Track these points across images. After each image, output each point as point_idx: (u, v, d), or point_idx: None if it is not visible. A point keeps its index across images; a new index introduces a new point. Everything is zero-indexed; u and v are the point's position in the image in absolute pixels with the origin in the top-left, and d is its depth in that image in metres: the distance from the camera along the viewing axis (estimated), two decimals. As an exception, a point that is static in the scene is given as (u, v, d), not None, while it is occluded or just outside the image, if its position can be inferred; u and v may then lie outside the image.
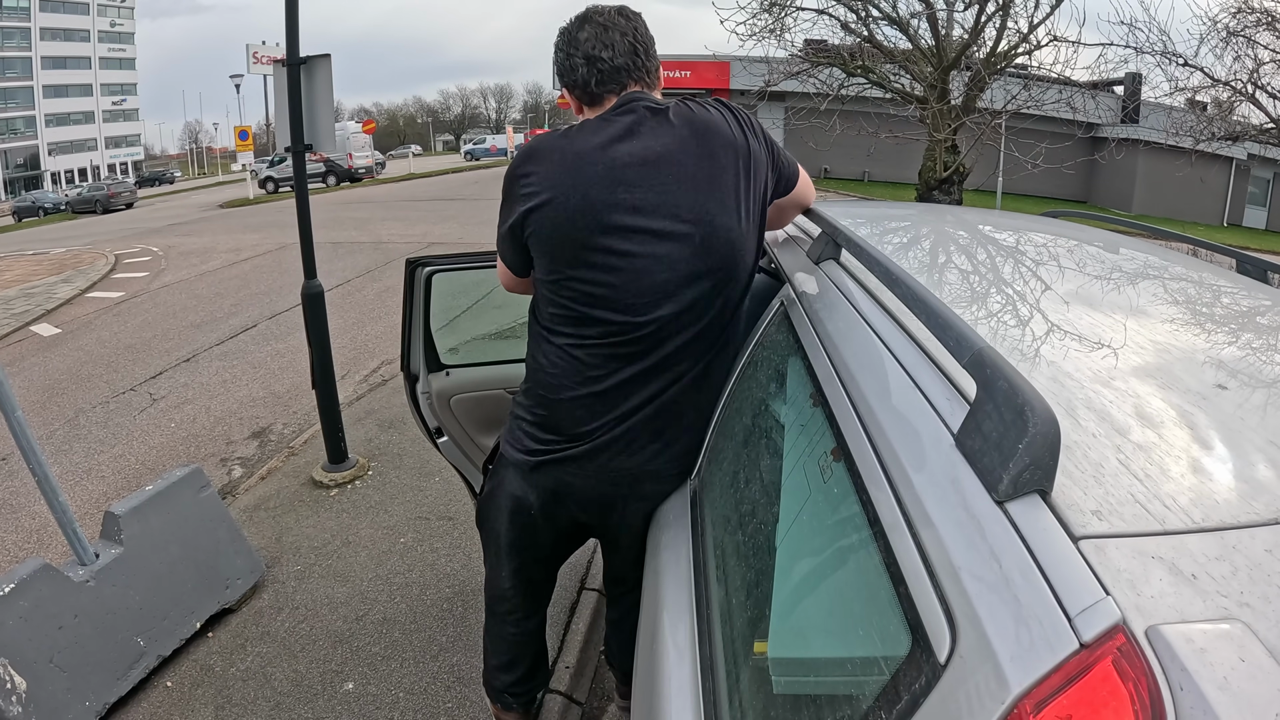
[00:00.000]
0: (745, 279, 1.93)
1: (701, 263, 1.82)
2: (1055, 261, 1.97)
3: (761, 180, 1.90)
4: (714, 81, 32.72)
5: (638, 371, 1.89)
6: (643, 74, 1.93)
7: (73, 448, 6.15)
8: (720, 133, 1.84)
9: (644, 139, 1.81)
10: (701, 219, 1.80)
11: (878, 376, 1.19)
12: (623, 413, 1.93)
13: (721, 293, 1.88)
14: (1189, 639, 0.64)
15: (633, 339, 1.86)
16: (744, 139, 1.87)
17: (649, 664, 1.60)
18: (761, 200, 1.92)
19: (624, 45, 1.89)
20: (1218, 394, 1.09)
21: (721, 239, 1.82)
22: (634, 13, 1.97)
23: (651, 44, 1.96)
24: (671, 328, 1.86)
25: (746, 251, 1.89)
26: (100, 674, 2.94)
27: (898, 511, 0.92)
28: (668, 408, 1.95)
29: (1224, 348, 1.36)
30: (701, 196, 1.80)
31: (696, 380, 1.96)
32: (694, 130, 1.83)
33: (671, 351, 1.88)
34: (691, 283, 1.83)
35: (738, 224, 1.84)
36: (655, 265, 1.79)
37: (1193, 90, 13.45)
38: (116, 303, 12.12)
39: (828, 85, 12.81)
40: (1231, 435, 0.99)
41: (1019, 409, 0.80)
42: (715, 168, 1.81)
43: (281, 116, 4.72)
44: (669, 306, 1.83)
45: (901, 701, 0.79)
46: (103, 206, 39.58)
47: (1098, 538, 0.75)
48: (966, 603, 0.75)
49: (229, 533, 3.68)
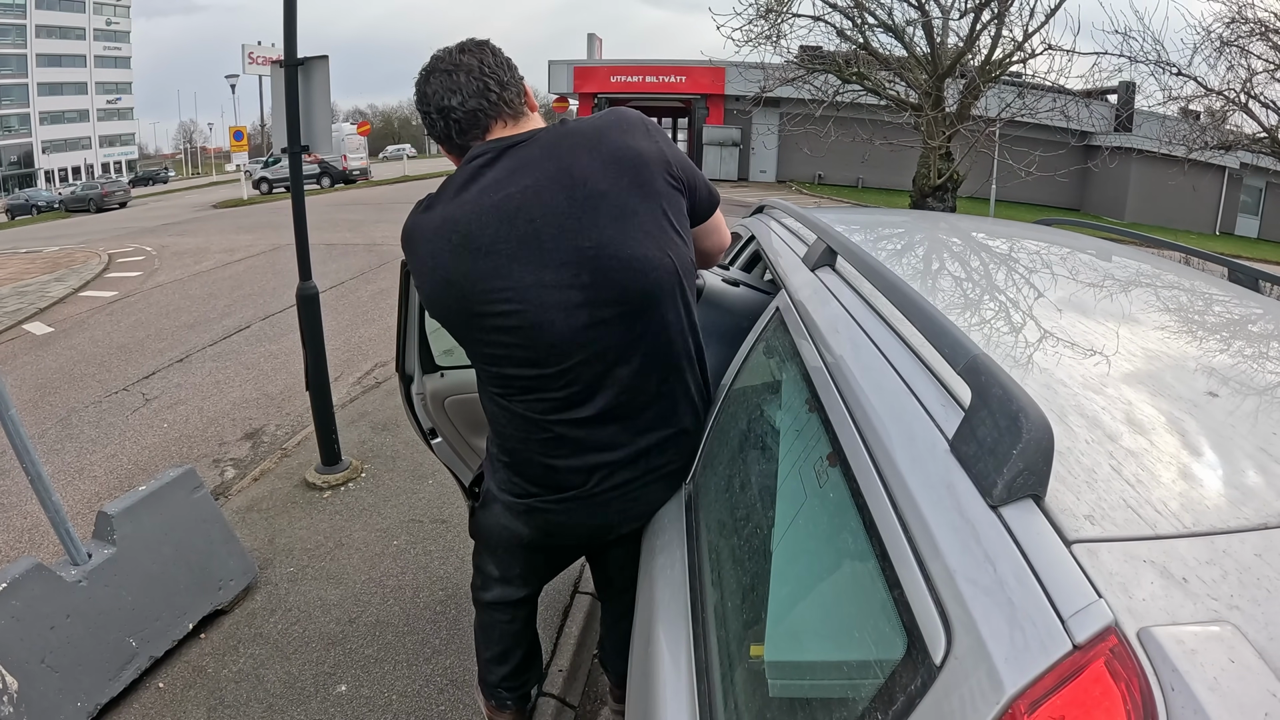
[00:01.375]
0: (670, 294, 1.76)
1: (600, 298, 1.68)
2: (1048, 269, 1.99)
3: (664, 184, 1.72)
4: (709, 87, 32.86)
5: (585, 418, 1.82)
6: (501, 109, 1.80)
7: (65, 447, 6.13)
8: (600, 148, 1.69)
9: (500, 189, 1.68)
10: (584, 256, 1.65)
11: (873, 382, 1.20)
12: (592, 465, 1.89)
13: (641, 319, 1.74)
14: (1180, 640, 0.66)
15: (558, 391, 1.79)
16: (636, 145, 1.71)
17: (644, 667, 1.61)
18: (675, 207, 1.75)
19: (472, 86, 1.77)
20: (1208, 401, 1.10)
21: (617, 267, 1.67)
22: (477, 45, 1.84)
23: (504, 72, 1.82)
24: (594, 370, 1.76)
25: (656, 267, 1.70)
26: (92, 674, 2.93)
27: (893, 516, 0.93)
28: (645, 450, 1.90)
29: (1215, 355, 1.37)
30: (579, 230, 1.65)
31: (664, 412, 1.88)
32: (560, 162, 1.68)
33: (615, 392, 1.79)
34: (597, 324, 1.70)
35: (635, 243, 1.67)
36: (546, 316, 1.68)
37: (1186, 99, 13.51)
38: (109, 302, 12.08)
39: (823, 91, 12.85)
40: (1221, 441, 1.00)
41: (1013, 415, 0.82)
42: (592, 192, 1.65)
43: (279, 118, 4.72)
44: (579, 353, 1.73)
45: (897, 703, 0.80)
46: (96, 205, 39.46)
47: (1090, 542, 0.76)
48: (961, 605, 0.76)
49: (222, 534, 3.68)
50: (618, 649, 2.51)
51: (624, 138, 1.70)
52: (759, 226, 2.86)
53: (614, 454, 1.88)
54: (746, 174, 34.92)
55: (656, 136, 1.76)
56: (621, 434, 1.86)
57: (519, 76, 1.87)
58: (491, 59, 1.81)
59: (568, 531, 2.08)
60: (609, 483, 1.91)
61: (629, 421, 1.85)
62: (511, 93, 1.81)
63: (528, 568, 2.37)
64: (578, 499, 1.95)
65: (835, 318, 1.51)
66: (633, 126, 1.74)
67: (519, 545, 2.21)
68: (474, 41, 1.85)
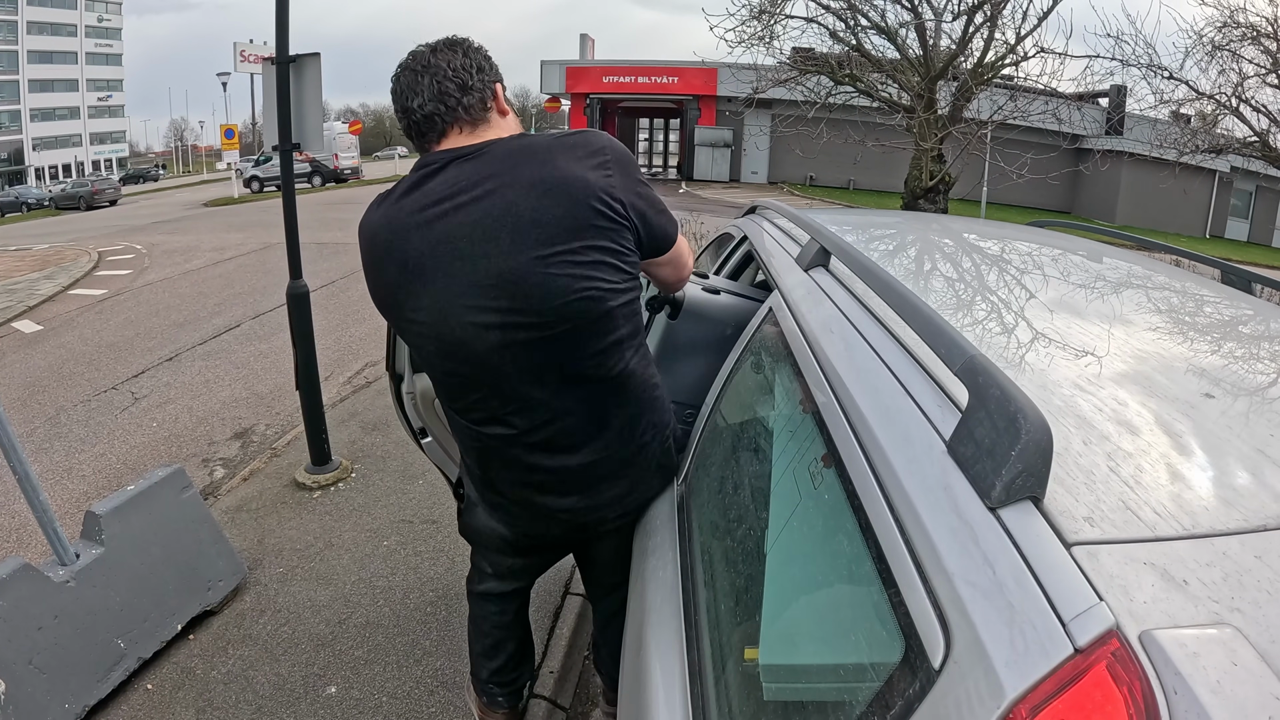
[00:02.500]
0: (594, 323, 1.70)
1: (515, 322, 1.65)
2: (1043, 271, 1.98)
3: (602, 216, 1.65)
4: (701, 88, 32.89)
5: (512, 435, 1.82)
6: (458, 113, 1.75)
7: (53, 446, 6.08)
8: (543, 172, 1.63)
9: (435, 204, 1.67)
10: (504, 280, 1.62)
11: (868, 383, 1.19)
12: (527, 480, 1.92)
13: (559, 344, 1.70)
14: (1181, 644, 0.65)
15: (483, 407, 1.80)
16: (582, 174, 1.64)
17: (635, 670, 1.60)
18: (614, 238, 1.68)
19: (431, 90, 1.73)
20: (1205, 402, 1.10)
21: (536, 294, 1.63)
22: (451, 44, 1.81)
23: (470, 75, 1.77)
24: (515, 389, 1.75)
25: (580, 295, 1.65)
26: (80, 676, 2.90)
27: (890, 517, 0.92)
28: (578, 469, 1.87)
29: (1210, 357, 1.37)
30: (502, 254, 1.61)
31: (592, 435, 1.85)
32: (500, 180, 1.64)
33: (540, 414, 1.78)
34: (511, 345, 1.68)
35: (557, 271, 1.62)
36: (459, 335, 1.68)
37: (1177, 103, 13.56)
38: (99, 300, 12.01)
39: (815, 93, 12.86)
40: (1219, 443, 1.00)
41: (1011, 416, 0.81)
42: (522, 219, 1.61)
43: (270, 115, 4.69)
44: (492, 374, 1.73)
45: (895, 707, 0.79)
46: (86, 203, 39.29)
47: (1090, 544, 0.76)
48: (960, 608, 0.75)
49: (211, 534, 3.65)
50: (610, 651, 2.49)
51: (572, 165, 1.65)
52: (751, 227, 2.85)
53: (544, 475, 1.89)
54: (738, 175, 34.98)
55: (612, 167, 1.69)
56: (551, 455, 1.85)
57: (490, 80, 1.81)
58: (461, 60, 1.77)
59: (545, 535, 2.12)
60: (550, 495, 1.93)
61: (558, 442, 1.83)
62: (473, 98, 1.76)
63: (517, 563, 2.38)
64: (527, 505, 1.97)
65: (829, 318, 1.50)
66: (588, 154, 1.68)
67: (505, 543, 2.22)
68: (450, 40, 1.82)
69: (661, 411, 1.95)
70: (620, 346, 1.76)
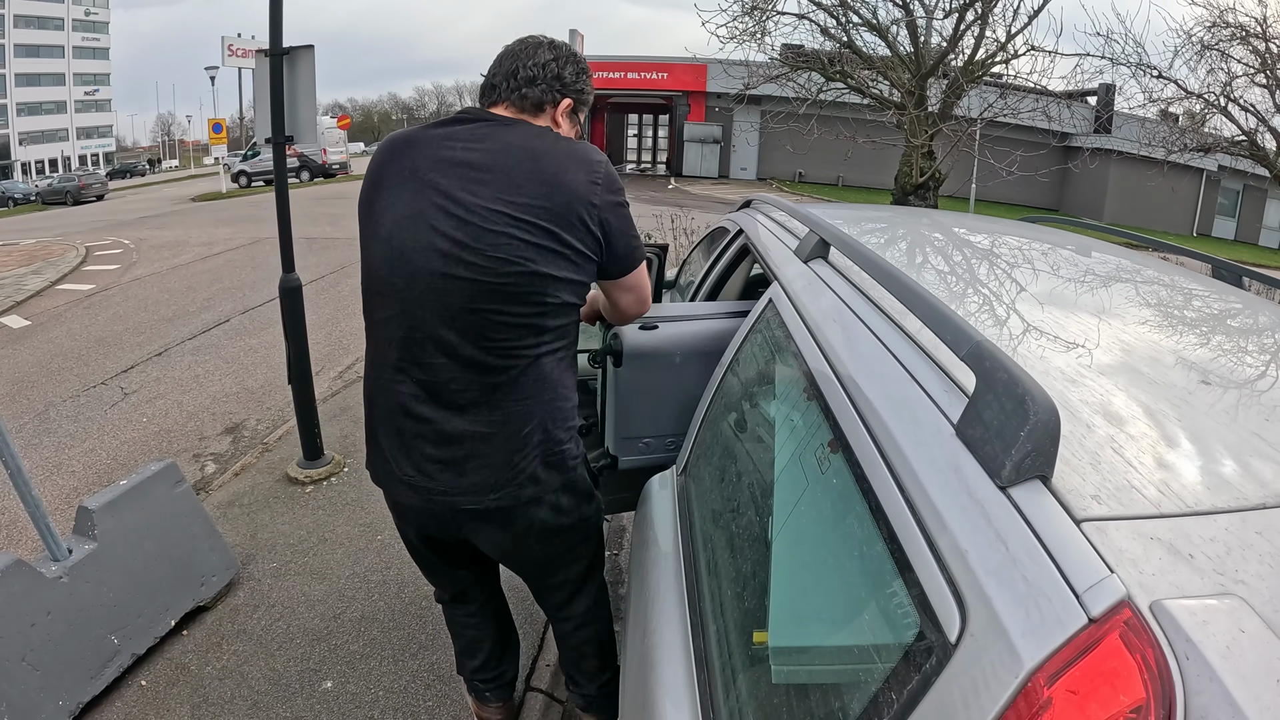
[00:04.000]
0: (518, 297, 1.79)
1: (461, 258, 1.76)
2: (1036, 264, 2.01)
3: (573, 220, 1.80)
4: (690, 84, 32.90)
5: (409, 377, 1.88)
6: (513, 96, 1.95)
7: (42, 442, 6.05)
8: (540, 164, 1.79)
9: (456, 138, 1.83)
10: (469, 222, 1.75)
11: (873, 370, 1.20)
12: (414, 432, 1.93)
13: (487, 299, 1.78)
14: (1191, 612, 0.68)
15: (393, 334, 1.87)
16: (572, 179, 1.80)
17: (640, 658, 1.61)
18: (578, 240, 1.81)
19: (506, 68, 1.96)
20: (1202, 389, 1.12)
21: (491, 235, 1.75)
22: (554, 45, 2.02)
23: (539, 76, 1.95)
24: (424, 319, 1.82)
25: (517, 257, 1.76)
26: (74, 672, 2.89)
27: (900, 499, 0.93)
28: (465, 434, 1.89)
29: (1205, 346, 1.39)
30: (482, 191, 1.76)
31: (477, 406, 1.87)
32: (508, 153, 1.80)
33: (436, 356, 1.84)
34: (447, 277, 1.78)
35: (511, 228, 1.75)
36: (410, 247, 1.80)
37: (1166, 102, 13.66)
38: (87, 295, 11.95)
39: (806, 89, 12.89)
40: (1216, 427, 1.02)
41: (1019, 398, 0.83)
42: (509, 177, 1.77)
43: (262, 108, 4.68)
44: (418, 295, 1.81)
45: (912, 681, 0.81)
46: (74, 198, 39.02)
47: (1099, 520, 0.78)
48: (975, 583, 0.77)
49: (204, 529, 3.64)
50: (580, 669, 2.50)
51: (569, 165, 1.82)
52: (747, 221, 2.86)
53: (422, 426, 1.89)
54: (727, 171, 35.03)
55: (600, 181, 1.84)
56: (434, 407, 1.87)
57: (560, 93, 1.99)
58: (546, 59, 1.97)
59: (421, 522, 2.10)
60: (420, 453, 1.91)
61: (444, 396, 1.86)
62: (533, 92, 1.95)
63: (445, 576, 2.41)
64: (399, 467, 1.96)
65: (831, 308, 1.52)
66: (586, 165, 1.84)
67: (417, 551, 2.28)
68: (555, 43, 2.02)
69: (558, 423, 1.93)
70: (539, 335, 1.84)
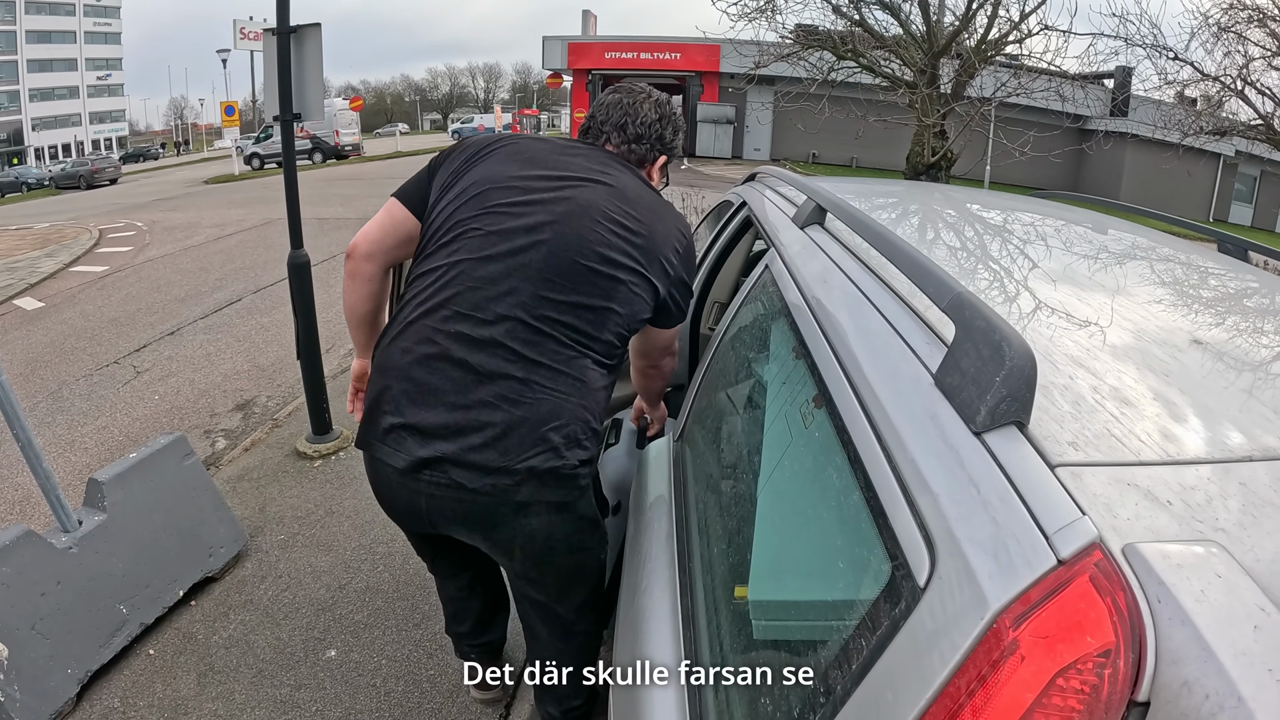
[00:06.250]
0: (602, 292, 1.88)
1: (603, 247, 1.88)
2: (1035, 230, 2.00)
3: (653, 262, 1.92)
4: (704, 64, 32.65)
5: (458, 311, 1.89)
6: (618, 142, 2.11)
7: (55, 420, 6.10)
8: (655, 206, 1.98)
9: (566, 157, 1.98)
10: (610, 220, 1.89)
11: (859, 325, 1.20)
12: (433, 354, 1.90)
13: (575, 287, 1.85)
14: (1165, 555, 0.66)
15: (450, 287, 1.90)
16: (661, 228, 1.95)
17: (630, 620, 1.61)
18: (651, 273, 1.92)
19: (615, 119, 2.11)
20: (1193, 347, 1.11)
21: (596, 243, 1.86)
22: (660, 104, 2.16)
23: (646, 135, 2.11)
24: (491, 286, 1.86)
25: (609, 263, 1.88)
26: (82, 641, 2.93)
27: (877, 447, 0.93)
28: (488, 373, 1.86)
29: (1200, 309, 1.39)
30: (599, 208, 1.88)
31: (507, 390, 1.85)
32: (596, 186, 1.93)
33: (495, 326, 1.84)
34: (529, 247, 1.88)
35: (605, 248, 1.88)
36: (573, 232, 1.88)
37: (1182, 84, 13.48)
38: (100, 277, 12.01)
39: (818, 69, 12.79)
40: (1205, 382, 1.01)
41: (996, 344, 0.82)
42: (625, 202, 1.92)
43: (270, 85, 4.68)
44: (498, 258, 1.87)
45: (881, 627, 0.80)
46: (87, 182, 39.16)
47: (1074, 465, 0.77)
48: (945, 526, 0.76)
49: (212, 501, 3.67)
50: (550, 692, 2.40)
51: (665, 216, 2.00)
52: (750, 193, 2.86)
53: (449, 343, 1.81)
54: (740, 152, 34.77)
55: (684, 244, 2.02)
56: (473, 325, 1.81)
57: (659, 150, 2.16)
58: (654, 117, 2.12)
59: (391, 503, 2.01)
60: (431, 383, 1.82)
61: (468, 370, 1.79)
62: (640, 149, 2.12)
63: (428, 554, 2.40)
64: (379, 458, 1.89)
65: (823, 269, 1.51)
66: (677, 225, 2.02)
67: (404, 526, 2.16)
68: (661, 101, 2.17)
69: (575, 428, 1.83)
70: (599, 347, 1.87)
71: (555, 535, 1.91)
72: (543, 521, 1.88)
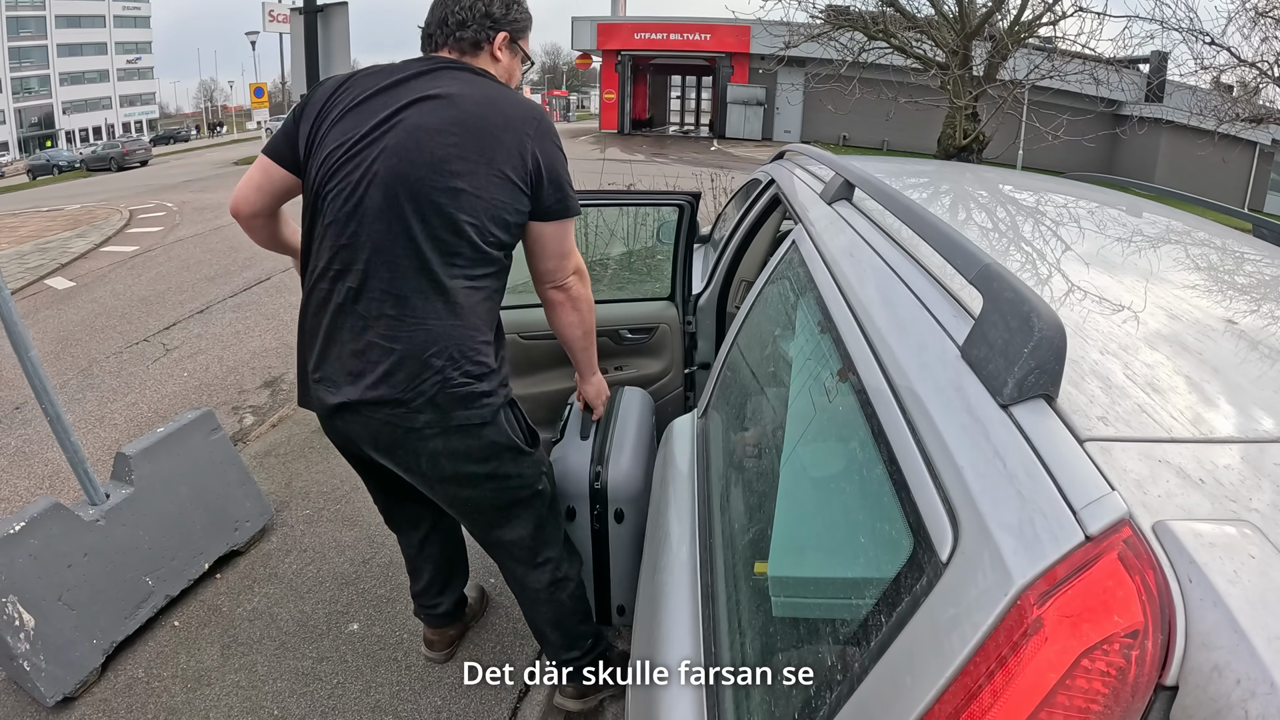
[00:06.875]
0: (460, 208, 1.90)
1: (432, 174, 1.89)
2: (1066, 208, 1.97)
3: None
4: (733, 45, 32.40)
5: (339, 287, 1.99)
6: (450, 41, 2.04)
7: (86, 396, 6.17)
8: (490, 107, 1.92)
9: (397, 89, 1.94)
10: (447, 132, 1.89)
11: (885, 298, 1.18)
12: (337, 307, 2.02)
13: (438, 211, 1.89)
14: (1198, 534, 0.63)
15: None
16: (504, 130, 1.91)
17: (650, 596, 1.61)
18: (511, 168, 1.92)
19: (436, 15, 2.05)
20: (1228, 330, 1.08)
21: (438, 160, 1.87)
22: None
23: (468, 15, 2.02)
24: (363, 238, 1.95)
25: (456, 176, 1.89)
26: (108, 612, 2.96)
27: (901, 420, 0.91)
28: (378, 316, 1.98)
29: (1234, 292, 1.35)
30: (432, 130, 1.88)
31: (390, 326, 1.97)
32: (431, 101, 1.91)
33: (364, 272, 1.94)
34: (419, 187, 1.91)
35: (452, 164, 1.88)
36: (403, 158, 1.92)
37: (1218, 69, 13.20)
38: (131, 256, 12.12)
39: (849, 49, 12.64)
40: (1241, 361, 0.98)
41: (1025, 315, 0.79)
42: (460, 119, 1.89)
43: (298, 65, 4.70)
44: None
45: (902, 603, 0.78)
46: (118, 164, 39.62)
47: (1104, 440, 0.74)
48: (969, 500, 0.74)
49: (239, 475, 3.70)
50: (546, 617, 2.43)
51: (499, 120, 1.91)
52: (779, 171, 2.84)
53: (345, 302, 1.94)
54: (771, 134, 34.49)
55: (527, 131, 1.94)
56: (350, 326, 1.94)
57: (495, 28, 2.05)
58: (471, 1, 2.03)
59: (336, 425, 2.10)
60: (339, 327, 1.97)
61: (357, 318, 1.93)
62: (467, 34, 2.03)
63: (377, 500, 2.53)
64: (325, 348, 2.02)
65: (850, 243, 1.49)
66: (516, 121, 1.94)
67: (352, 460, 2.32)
68: None
69: (455, 349, 1.93)
70: (462, 261, 1.91)
71: (460, 456, 2.02)
72: (443, 443, 1.98)
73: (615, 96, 36.32)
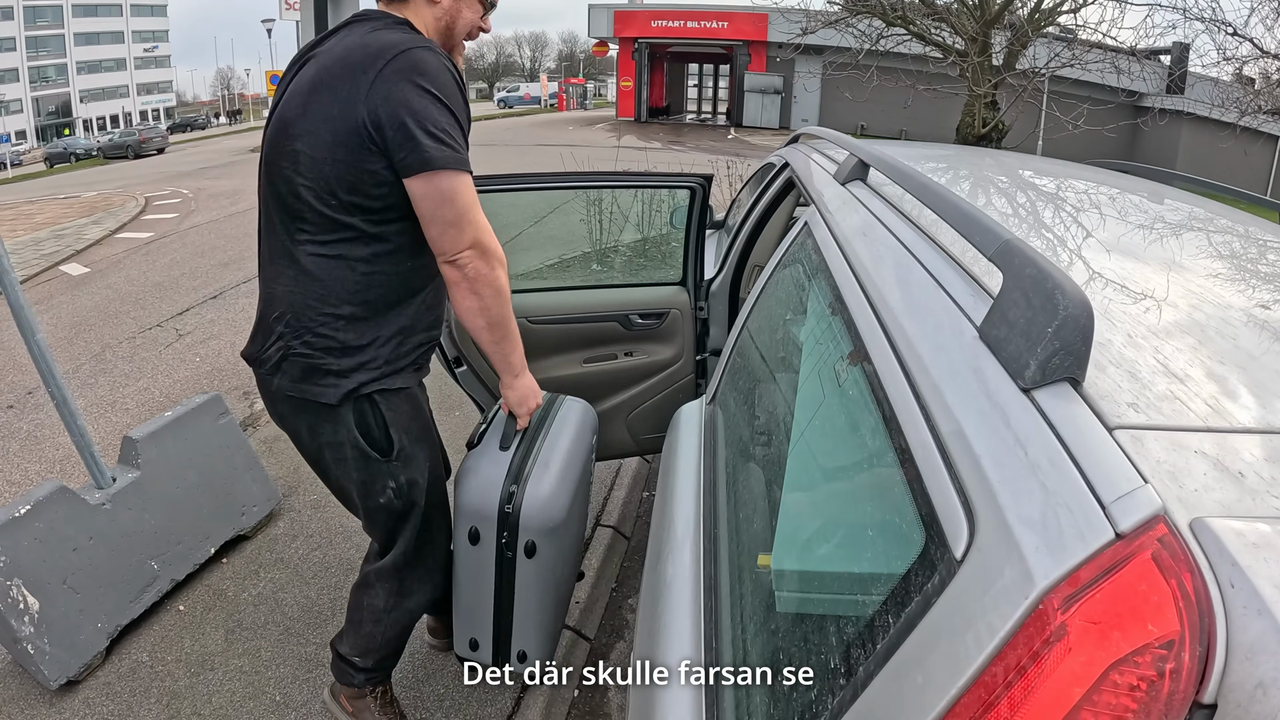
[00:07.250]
0: (321, 174, 1.79)
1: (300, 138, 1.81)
2: (1089, 196, 1.90)
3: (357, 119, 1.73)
4: (751, 33, 32.25)
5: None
6: None
7: (98, 381, 6.17)
8: (323, 64, 1.79)
9: (304, 56, 1.89)
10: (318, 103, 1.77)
11: (899, 278, 1.12)
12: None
13: (305, 176, 1.81)
14: (1240, 534, 0.57)
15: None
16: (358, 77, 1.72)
17: (651, 588, 1.56)
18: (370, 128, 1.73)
19: None
20: (1263, 312, 1.01)
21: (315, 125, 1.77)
22: None
23: None
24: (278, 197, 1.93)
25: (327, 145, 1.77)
26: (113, 596, 2.94)
27: (915, 404, 0.85)
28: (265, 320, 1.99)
29: (1264, 281, 1.28)
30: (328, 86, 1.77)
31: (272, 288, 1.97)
32: (311, 64, 1.83)
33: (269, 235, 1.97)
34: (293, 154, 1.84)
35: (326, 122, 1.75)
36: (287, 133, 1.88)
37: (1240, 61, 13.01)
38: (146, 243, 12.14)
39: (867, 36, 12.53)
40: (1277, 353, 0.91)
41: (1049, 293, 0.73)
42: (328, 73, 1.77)
43: (307, 48, 4.66)
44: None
45: (911, 604, 0.72)
46: (134, 152, 39.80)
47: (1135, 428, 0.68)
48: (987, 491, 0.68)
49: (246, 460, 3.68)
50: (364, 625, 2.36)
51: (357, 63, 1.73)
52: (793, 154, 2.79)
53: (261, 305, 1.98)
54: (788, 122, 34.28)
55: (382, 66, 1.72)
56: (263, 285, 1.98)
57: None
58: None
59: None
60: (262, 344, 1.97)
61: (274, 257, 1.93)
62: None
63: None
64: None
65: (864, 223, 1.44)
66: (375, 57, 1.73)
67: None
68: None
69: (294, 314, 1.88)
70: (308, 227, 1.84)
71: (304, 433, 2.02)
72: (290, 411, 1.99)
73: (632, 84, 36.24)
